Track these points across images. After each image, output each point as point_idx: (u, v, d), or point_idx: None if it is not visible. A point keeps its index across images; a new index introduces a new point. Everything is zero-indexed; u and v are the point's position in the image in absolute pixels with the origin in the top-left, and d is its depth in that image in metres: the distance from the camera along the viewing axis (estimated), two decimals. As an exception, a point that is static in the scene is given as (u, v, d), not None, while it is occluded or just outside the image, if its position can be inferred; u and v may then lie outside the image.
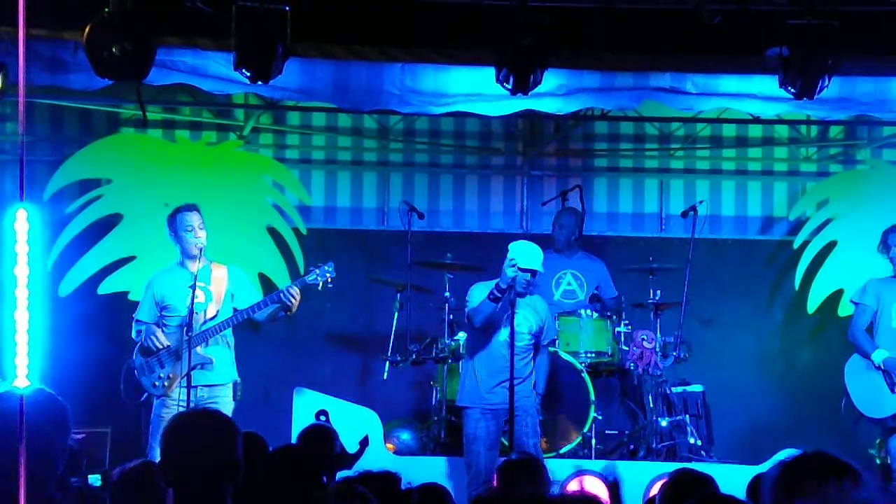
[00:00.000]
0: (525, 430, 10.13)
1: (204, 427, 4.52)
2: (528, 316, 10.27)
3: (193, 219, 10.01)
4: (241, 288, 10.23)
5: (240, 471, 4.44)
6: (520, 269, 9.95)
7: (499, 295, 9.95)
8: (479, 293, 10.18)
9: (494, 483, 8.31)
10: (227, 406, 9.87)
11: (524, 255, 10.03)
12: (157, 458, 4.55)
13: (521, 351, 10.15)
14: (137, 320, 10.20)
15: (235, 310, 10.05)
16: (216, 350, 9.98)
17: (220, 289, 10.08)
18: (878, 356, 10.54)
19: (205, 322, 9.92)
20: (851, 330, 10.77)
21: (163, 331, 10.05)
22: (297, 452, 6.56)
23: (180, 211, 10.10)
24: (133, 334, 10.16)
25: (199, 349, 9.83)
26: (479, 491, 9.61)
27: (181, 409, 9.43)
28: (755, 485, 5.97)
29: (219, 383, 9.98)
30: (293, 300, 9.92)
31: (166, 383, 9.92)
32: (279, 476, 6.17)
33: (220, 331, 9.94)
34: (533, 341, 10.30)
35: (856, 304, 10.82)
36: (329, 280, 10.14)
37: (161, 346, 9.93)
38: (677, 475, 6.11)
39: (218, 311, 10.02)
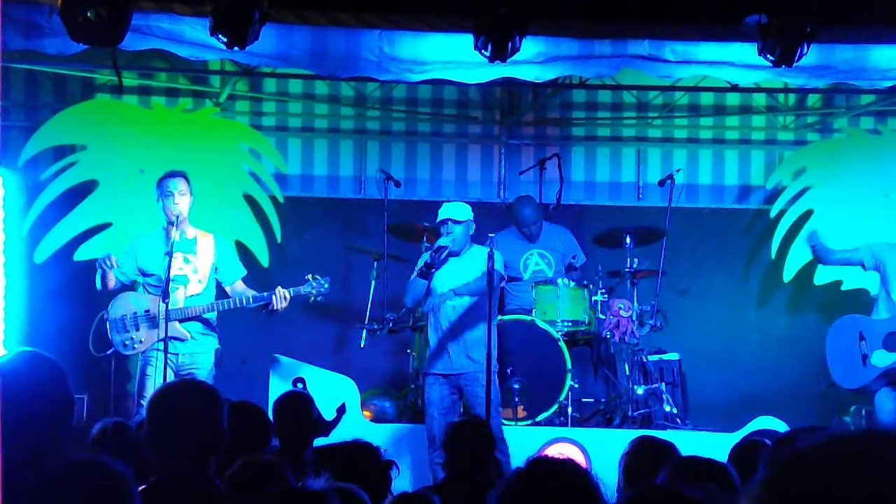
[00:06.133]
0: (476, 399, 10.17)
1: (189, 398, 4.63)
2: (461, 272, 10.35)
3: (173, 185, 9.94)
4: (225, 261, 10.19)
5: (224, 440, 4.55)
6: (437, 223, 10.39)
7: (425, 270, 10.19)
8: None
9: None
10: (207, 373, 9.85)
11: (440, 213, 10.40)
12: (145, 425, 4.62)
13: (457, 308, 10.30)
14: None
15: (219, 300, 10.06)
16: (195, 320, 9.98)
17: (206, 263, 10.04)
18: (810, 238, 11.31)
19: (189, 298, 9.90)
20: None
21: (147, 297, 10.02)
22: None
23: (165, 176, 10.05)
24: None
25: (177, 324, 9.80)
26: (434, 455, 9.74)
27: (166, 367, 9.44)
28: (741, 452, 5.93)
29: (199, 350, 9.96)
30: (283, 304, 9.94)
31: (136, 346, 9.89)
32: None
33: (201, 314, 9.91)
34: (476, 298, 10.33)
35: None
36: (321, 295, 10.17)
37: (110, 281, 9.88)
38: (638, 443, 6.00)
39: (203, 289, 10.01)
